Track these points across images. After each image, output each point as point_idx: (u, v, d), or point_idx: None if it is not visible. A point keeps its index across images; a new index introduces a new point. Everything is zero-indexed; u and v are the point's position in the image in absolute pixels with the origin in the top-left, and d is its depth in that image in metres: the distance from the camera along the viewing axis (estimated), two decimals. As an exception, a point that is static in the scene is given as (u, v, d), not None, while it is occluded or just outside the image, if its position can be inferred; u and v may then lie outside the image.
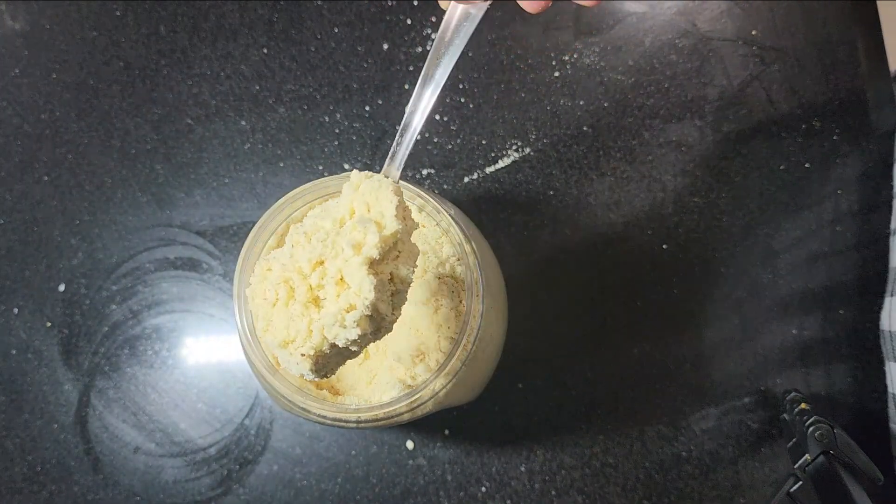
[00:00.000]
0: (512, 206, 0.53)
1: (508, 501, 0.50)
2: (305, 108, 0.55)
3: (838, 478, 0.40)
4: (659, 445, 0.50)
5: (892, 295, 0.48)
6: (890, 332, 0.47)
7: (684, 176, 0.53)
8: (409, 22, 0.56)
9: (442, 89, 0.31)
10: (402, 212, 0.30)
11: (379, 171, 0.33)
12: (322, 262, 0.29)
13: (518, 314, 0.48)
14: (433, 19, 0.56)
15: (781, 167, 0.53)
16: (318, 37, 0.56)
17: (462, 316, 0.38)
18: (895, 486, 0.46)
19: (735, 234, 0.52)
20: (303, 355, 0.29)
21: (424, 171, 0.54)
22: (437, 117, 0.54)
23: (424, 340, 0.39)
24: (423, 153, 0.54)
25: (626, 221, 0.53)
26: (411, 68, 0.55)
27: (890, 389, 0.48)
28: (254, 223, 0.39)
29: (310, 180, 0.39)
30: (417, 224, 0.32)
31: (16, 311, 0.55)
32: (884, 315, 0.48)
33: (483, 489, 0.50)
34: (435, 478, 0.50)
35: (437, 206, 0.38)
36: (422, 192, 0.38)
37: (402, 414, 0.36)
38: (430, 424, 0.50)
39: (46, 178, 0.56)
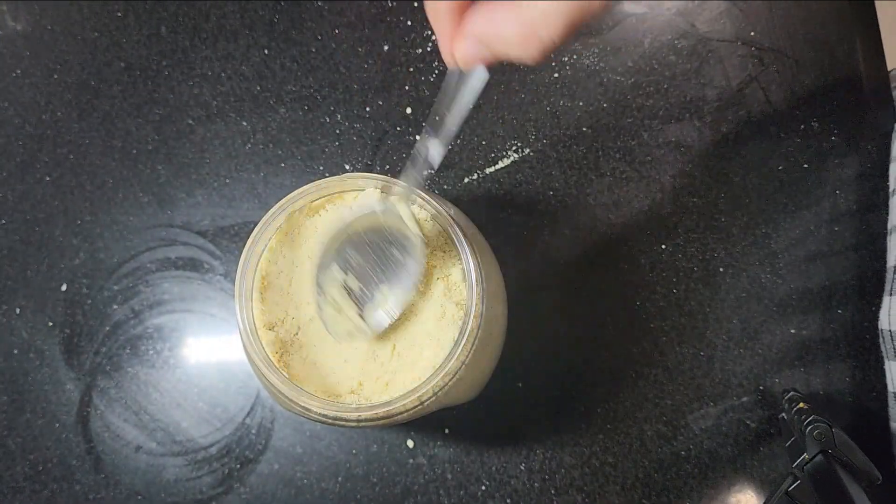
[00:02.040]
0: (511, 207, 0.53)
1: (508, 500, 0.50)
2: (306, 108, 0.56)
3: (836, 477, 0.40)
4: (658, 444, 0.50)
5: (890, 294, 0.48)
6: (889, 331, 0.47)
7: (683, 176, 0.53)
8: (409, 23, 0.56)
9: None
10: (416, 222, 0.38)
11: (379, 171, 0.34)
12: None
13: (518, 314, 0.48)
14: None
15: (780, 167, 0.53)
16: (319, 38, 0.56)
17: (462, 316, 0.38)
18: (894, 485, 0.47)
19: (734, 235, 0.52)
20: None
21: (424, 172, 0.54)
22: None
23: (425, 340, 0.40)
24: (423, 153, 0.54)
25: (626, 222, 0.53)
26: (412, 69, 0.55)
27: (890, 388, 0.48)
28: (255, 223, 0.39)
29: (311, 181, 0.40)
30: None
31: (17, 311, 0.55)
32: (882, 315, 0.49)
33: (483, 488, 0.50)
34: (435, 476, 0.50)
35: (437, 206, 0.38)
36: (422, 193, 0.39)
37: (403, 413, 0.37)
38: (430, 423, 0.51)
39: (48, 178, 0.56)
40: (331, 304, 0.38)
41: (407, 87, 0.55)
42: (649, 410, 0.51)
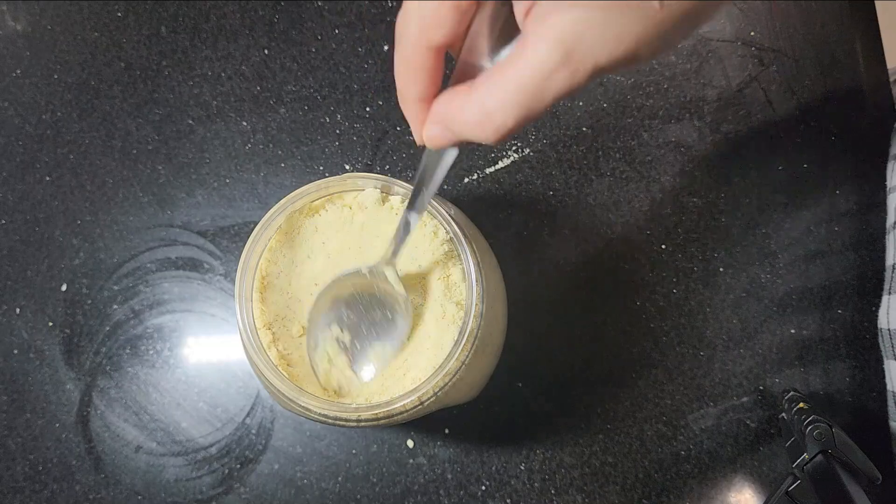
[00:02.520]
0: (511, 207, 0.53)
1: (508, 500, 0.50)
2: (306, 108, 0.56)
3: (836, 477, 0.40)
4: (658, 444, 0.50)
5: (889, 293, 0.48)
6: (888, 330, 0.47)
7: (683, 176, 0.53)
8: (409, 23, 0.56)
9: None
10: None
11: (379, 171, 0.35)
12: None
13: (517, 314, 0.48)
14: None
15: (780, 167, 0.53)
16: (319, 38, 0.56)
17: (462, 316, 0.38)
18: (893, 485, 0.47)
19: (733, 234, 0.52)
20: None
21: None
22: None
23: (425, 340, 0.40)
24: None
25: (625, 222, 0.53)
26: (411, 69, 0.55)
27: (889, 388, 0.48)
28: (255, 223, 0.39)
29: (311, 181, 0.40)
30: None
31: (18, 311, 0.55)
32: (881, 313, 0.49)
33: (483, 488, 0.50)
34: (435, 476, 0.50)
35: (437, 206, 0.38)
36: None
37: (403, 413, 0.37)
38: (430, 423, 0.51)
39: (48, 178, 0.56)
40: (325, 358, 0.39)
41: (407, 87, 0.55)
42: (649, 410, 0.51)
